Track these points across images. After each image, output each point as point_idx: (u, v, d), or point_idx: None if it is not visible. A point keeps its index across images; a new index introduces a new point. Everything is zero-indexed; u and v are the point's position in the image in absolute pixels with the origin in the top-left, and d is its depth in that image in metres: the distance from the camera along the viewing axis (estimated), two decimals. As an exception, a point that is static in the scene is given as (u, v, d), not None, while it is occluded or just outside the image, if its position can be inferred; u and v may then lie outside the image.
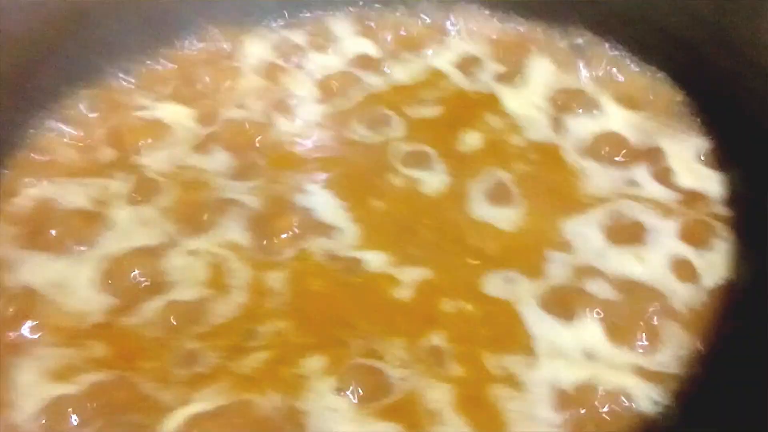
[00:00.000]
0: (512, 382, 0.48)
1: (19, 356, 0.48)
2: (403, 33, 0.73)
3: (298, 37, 0.73)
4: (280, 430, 0.45)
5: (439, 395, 0.47)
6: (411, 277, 0.53)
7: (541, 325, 0.51)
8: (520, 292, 0.53)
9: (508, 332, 0.51)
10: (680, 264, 0.55)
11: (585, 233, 0.57)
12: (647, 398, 0.48)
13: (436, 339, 0.50)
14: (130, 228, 0.56)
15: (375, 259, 0.54)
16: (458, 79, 0.70)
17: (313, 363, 0.48)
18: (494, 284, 0.53)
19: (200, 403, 0.46)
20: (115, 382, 0.47)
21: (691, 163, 0.62)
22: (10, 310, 0.50)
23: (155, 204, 0.58)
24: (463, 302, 0.52)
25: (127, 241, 0.55)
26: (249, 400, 0.46)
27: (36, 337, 0.49)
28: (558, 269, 0.54)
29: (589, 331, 0.51)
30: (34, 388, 0.47)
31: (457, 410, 0.47)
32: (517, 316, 0.51)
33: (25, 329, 0.50)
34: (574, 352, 0.50)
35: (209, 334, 0.50)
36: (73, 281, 0.52)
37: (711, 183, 0.61)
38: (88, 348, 0.49)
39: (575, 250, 0.56)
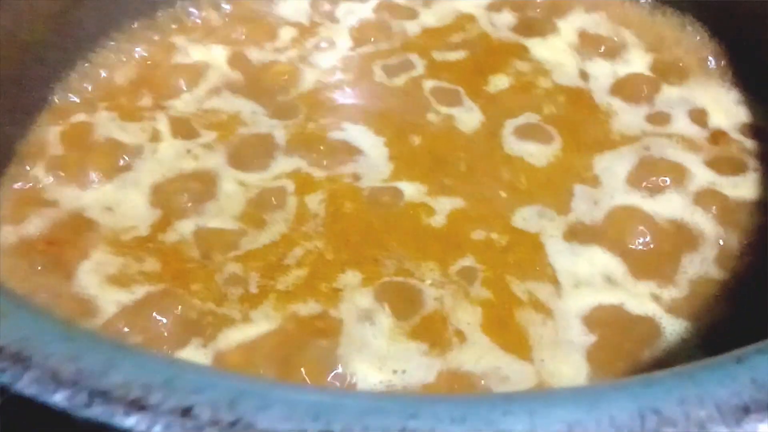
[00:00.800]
0: (538, 306, 0.49)
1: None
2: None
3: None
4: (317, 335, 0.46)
5: (468, 316, 0.48)
6: (444, 206, 0.54)
7: (564, 257, 0.52)
8: (546, 225, 0.54)
9: (532, 261, 0.52)
10: (709, 196, 0.55)
11: (614, 169, 0.57)
12: (671, 326, 0.48)
13: (467, 262, 0.51)
14: (172, 157, 0.58)
15: (411, 189, 0.55)
16: (485, 24, 0.71)
17: (349, 278, 0.49)
18: (522, 217, 0.54)
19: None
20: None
21: (720, 102, 0.63)
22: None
23: (195, 140, 0.59)
24: (492, 232, 0.53)
25: (169, 168, 0.57)
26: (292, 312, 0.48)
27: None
28: (584, 204, 0.55)
29: (613, 263, 0.52)
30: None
31: (485, 331, 0.47)
32: (541, 247, 0.52)
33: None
34: (596, 280, 0.51)
35: (254, 252, 0.51)
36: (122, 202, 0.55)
37: (739, 121, 0.61)
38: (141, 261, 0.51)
39: (604, 186, 0.56)
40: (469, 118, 0.62)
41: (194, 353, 0.46)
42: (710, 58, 0.67)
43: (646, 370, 0.45)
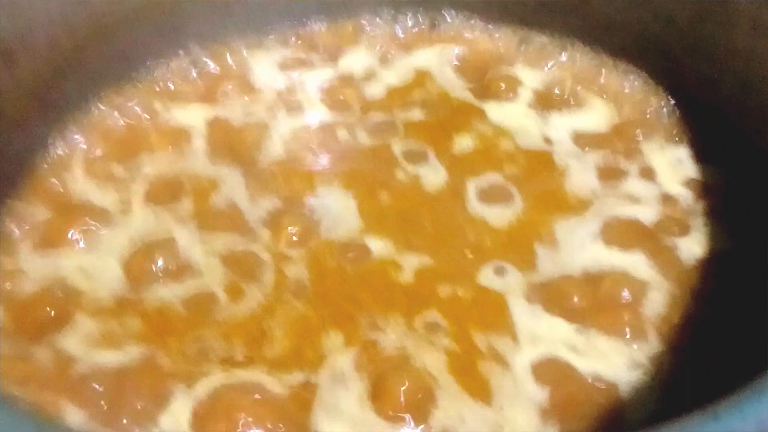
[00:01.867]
0: (498, 359, 0.52)
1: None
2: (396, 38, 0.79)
3: (297, 51, 0.78)
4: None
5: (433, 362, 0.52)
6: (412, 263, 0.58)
7: (525, 316, 0.55)
8: (510, 284, 0.57)
9: (495, 317, 0.55)
10: (660, 251, 0.59)
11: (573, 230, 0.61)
12: (625, 376, 0.51)
13: (432, 316, 0.55)
14: (149, 222, 0.61)
15: (380, 246, 0.59)
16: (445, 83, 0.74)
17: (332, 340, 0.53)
18: (486, 275, 0.57)
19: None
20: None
21: (671, 163, 0.66)
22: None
23: (169, 206, 0.62)
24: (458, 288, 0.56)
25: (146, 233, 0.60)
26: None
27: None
28: (546, 264, 0.58)
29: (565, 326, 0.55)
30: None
31: (451, 374, 0.51)
32: (505, 305, 0.55)
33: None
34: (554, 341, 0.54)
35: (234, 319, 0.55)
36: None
37: (690, 181, 0.65)
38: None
39: (562, 247, 0.60)
40: (435, 177, 0.65)
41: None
42: (664, 114, 0.70)
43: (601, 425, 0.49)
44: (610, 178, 0.65)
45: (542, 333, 0.54)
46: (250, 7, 0.76)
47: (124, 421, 0.48)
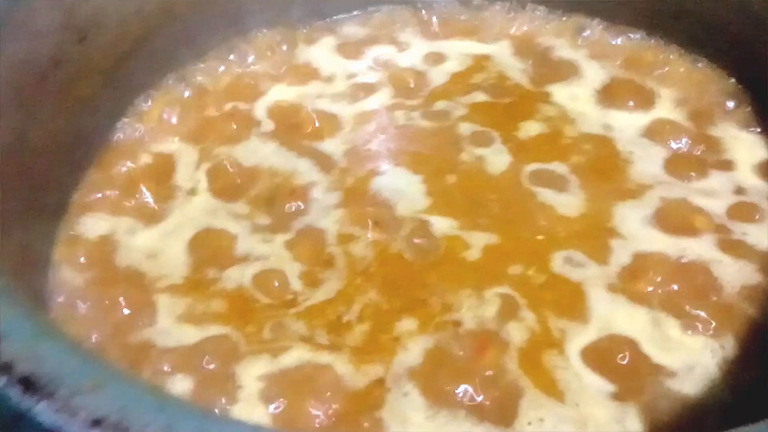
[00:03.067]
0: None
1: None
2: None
3: (360, 32, 0.77)
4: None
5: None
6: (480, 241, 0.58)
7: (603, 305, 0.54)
8: (585, 273, 0.56)
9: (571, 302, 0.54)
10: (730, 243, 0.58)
11: (637, 218, 0.60)
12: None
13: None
14: (214, 206, 0.61)
15: (446, 225, 0.59)
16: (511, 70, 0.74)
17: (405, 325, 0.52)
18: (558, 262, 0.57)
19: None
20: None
21: (746, 151, 0.65)
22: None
23: (241, 192, 0.62)
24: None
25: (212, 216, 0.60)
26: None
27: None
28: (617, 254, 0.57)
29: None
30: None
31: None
32: (582, 292, 0.54)
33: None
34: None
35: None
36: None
37: (762, 168, 0.63)
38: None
39: (630, 236, 0.58)
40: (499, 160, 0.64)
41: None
42: (735, 103, 0.69)
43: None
44: (681, 166, 0.64)
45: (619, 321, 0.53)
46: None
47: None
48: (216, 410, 0.46)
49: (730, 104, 0.69)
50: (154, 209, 0.61)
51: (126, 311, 0.53)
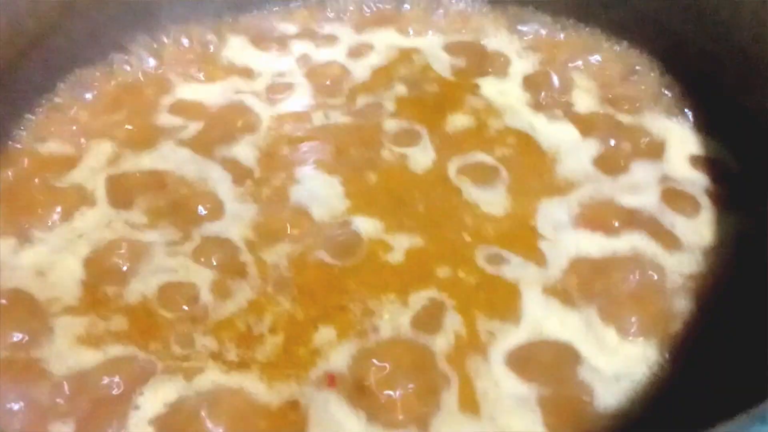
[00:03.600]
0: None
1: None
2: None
3: (281, 27, 0.74)
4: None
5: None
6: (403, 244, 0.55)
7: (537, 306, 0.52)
8: (514, 270, 0.53)
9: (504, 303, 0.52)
10: (663, 234, 0.56)
11: (560, 215, 0.58)
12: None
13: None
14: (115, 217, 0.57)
15: (369, 226, 0.56)
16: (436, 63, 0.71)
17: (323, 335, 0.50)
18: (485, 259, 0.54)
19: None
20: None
21: (674, 141, 0.63)
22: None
23: (144, 202, 0.58)
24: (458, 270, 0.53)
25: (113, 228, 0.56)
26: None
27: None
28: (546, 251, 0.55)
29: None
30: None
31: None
32: (515, 292, 0.52)
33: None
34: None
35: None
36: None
37: (692, 158, 0.62)
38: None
39: (555, 233, 0.56)
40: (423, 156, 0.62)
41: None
42: (664, 91, 0.67)
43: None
44: (608, 157, 0.62)
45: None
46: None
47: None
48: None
49: (660, 92, 0.67)
50: (45, 221, 0.56)
51: (17, 336, 0.48)
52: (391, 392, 0.46)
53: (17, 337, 0.49)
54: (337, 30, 0.74)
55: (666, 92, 0.67)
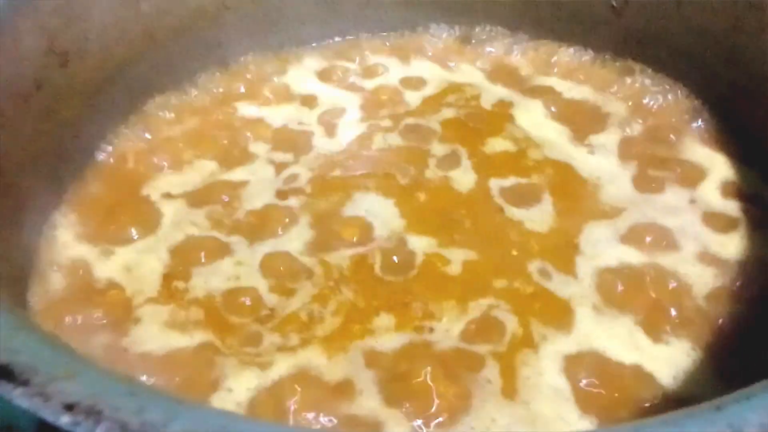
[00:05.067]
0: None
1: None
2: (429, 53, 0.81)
3: (339, 58, 0.80)
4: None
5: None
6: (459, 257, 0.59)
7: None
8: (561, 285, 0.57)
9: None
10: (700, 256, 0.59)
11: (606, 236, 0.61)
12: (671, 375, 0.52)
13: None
14: (187, 222, 0.63)
15: (424, 243, 0.60)
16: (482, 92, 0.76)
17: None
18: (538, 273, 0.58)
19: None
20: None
21: (710, 168, 0.67)
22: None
23: (214, 212, 0.64)
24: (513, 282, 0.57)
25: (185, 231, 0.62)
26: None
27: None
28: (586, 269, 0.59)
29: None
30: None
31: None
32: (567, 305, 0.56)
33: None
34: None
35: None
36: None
37: (728, 185, 0.66)
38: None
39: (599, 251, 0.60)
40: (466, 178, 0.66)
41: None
42: (698, 122, 0.71)
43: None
44: (646, 183, 0.66)
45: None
46: (290, 20, 0.79)
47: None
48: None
49: (695, 124, 0.71)
50: (131, 232, 0.62)
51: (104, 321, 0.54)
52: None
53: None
54: (387, 61, 0.80)
55: (700, 123, 0.71)
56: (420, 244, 0.60)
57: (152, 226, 0.62)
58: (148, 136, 0.70)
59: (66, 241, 0.60)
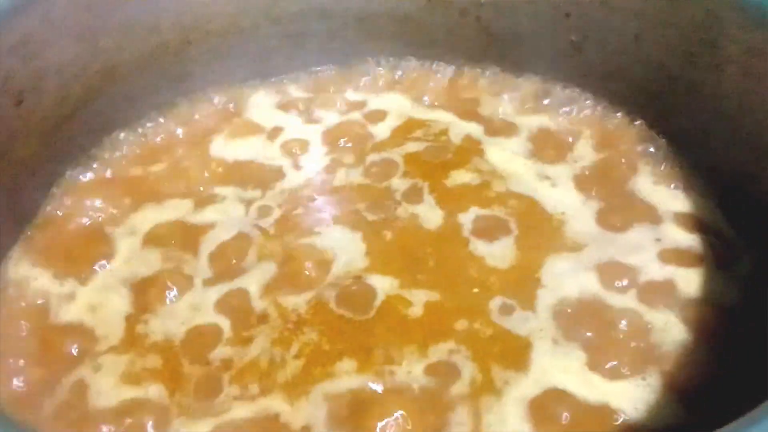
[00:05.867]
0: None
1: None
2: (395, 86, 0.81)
3: (303, 91, 0.80)
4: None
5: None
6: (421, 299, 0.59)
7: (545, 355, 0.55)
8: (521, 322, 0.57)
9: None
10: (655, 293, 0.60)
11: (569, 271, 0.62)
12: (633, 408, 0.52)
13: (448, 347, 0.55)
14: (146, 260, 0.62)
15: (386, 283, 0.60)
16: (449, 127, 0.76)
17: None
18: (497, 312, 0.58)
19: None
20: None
21: (668, 202, 0.67)
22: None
23: (173, 250, 0.63)
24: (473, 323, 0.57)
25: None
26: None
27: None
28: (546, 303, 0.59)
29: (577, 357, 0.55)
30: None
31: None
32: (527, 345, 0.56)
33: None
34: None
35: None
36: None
37: (687, 218, 0.66)
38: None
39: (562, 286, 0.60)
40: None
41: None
42: (657, 155, 0.72)
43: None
44: (607, 219, 0.66)
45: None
46: (254, 54, 0.78)
47: None
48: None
49: (654, 157, 0.72)
50: (91, 270, 0.61)
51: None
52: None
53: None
54: (352, 95, 0.80)
55: (659, 155, 0.72)
56: (383, 285, 0.60)
57: (112, 264, 0.61)
58: (108, 173, 0.69)
59: (22, 278, 0.59)
